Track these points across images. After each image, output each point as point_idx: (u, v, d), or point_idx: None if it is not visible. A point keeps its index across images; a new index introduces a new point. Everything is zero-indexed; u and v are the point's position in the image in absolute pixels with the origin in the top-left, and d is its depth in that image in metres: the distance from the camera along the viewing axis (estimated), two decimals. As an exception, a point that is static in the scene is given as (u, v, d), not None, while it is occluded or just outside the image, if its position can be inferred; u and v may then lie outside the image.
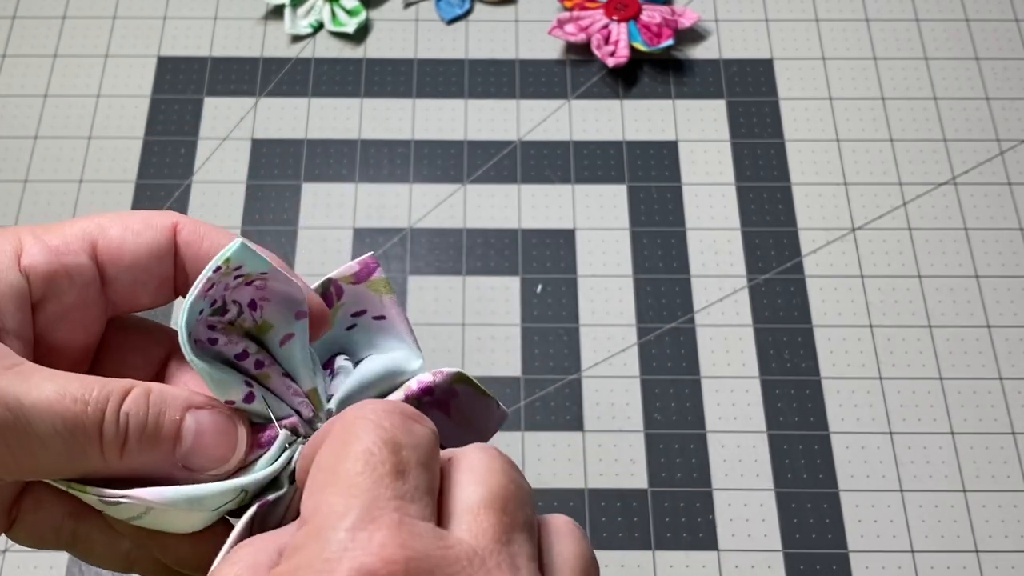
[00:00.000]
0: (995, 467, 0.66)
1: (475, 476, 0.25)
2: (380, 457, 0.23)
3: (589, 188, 0.76)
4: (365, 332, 0.31)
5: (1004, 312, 0.71)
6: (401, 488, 0.23)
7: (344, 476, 0.23)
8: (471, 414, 0.31)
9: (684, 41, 0.82)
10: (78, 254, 0.28)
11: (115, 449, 0.26)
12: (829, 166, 0.77)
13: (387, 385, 0.30)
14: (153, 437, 0.26)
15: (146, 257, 0.29)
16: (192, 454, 0.27)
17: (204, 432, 0.27)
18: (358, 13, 0.82)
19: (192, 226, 0.29)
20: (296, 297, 0.29)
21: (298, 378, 0.29)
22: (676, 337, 0.70)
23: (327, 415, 0.29)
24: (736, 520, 0.65)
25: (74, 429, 0.25)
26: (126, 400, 0.26)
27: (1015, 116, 0.79)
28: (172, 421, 0.27)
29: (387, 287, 0.31)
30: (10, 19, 0.83)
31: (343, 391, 0.29)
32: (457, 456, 0.26)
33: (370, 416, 0.24)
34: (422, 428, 0.25)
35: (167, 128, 0.78)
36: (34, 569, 0.63)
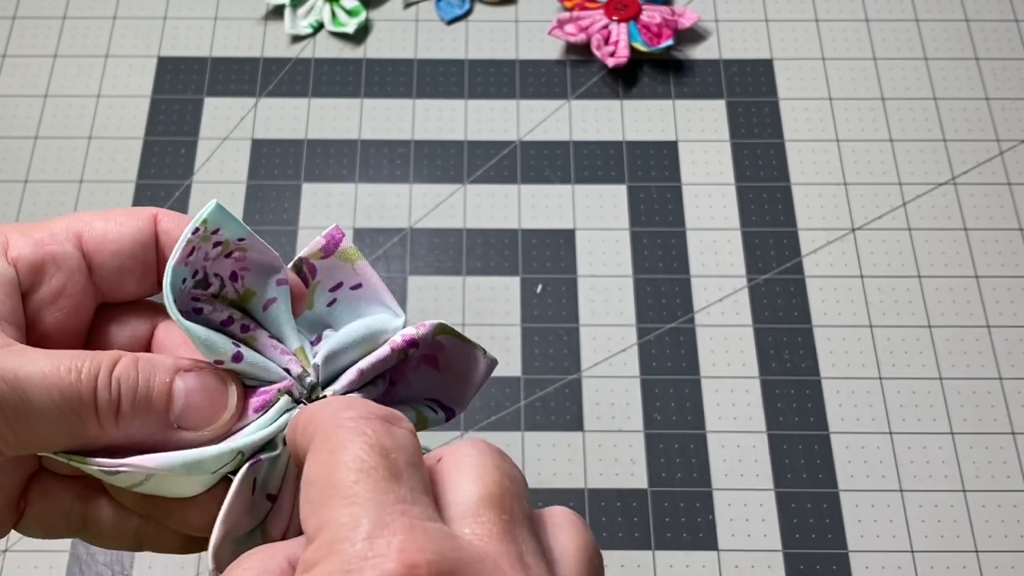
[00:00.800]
0: (995, 467, 0.66)
1: (469, 474, 0.25)
2: (372, 463, 0.23)
3: (589, 188, 0.76)
4: (346, 305, 0.32)
5: (1004, 312, 0.71)
6: (400, 491, 0.23)
7: (341, 487, 0.23)
8: (459, 365, 0.31)
9: (684, 41, 0.82)
10: (63, 243, 0.29)
11: (110, 416, 0.27)
12: (829, 166, 0.77)
13: (371, 344, 0.30)
14: (145, 401, 0.27)
15: (130, 245, 0.30)
16: (185, 414, 0.28)
17: (194, 392, 0.28)
18: (358, 13, 0.82)
19: (171, 217, 0.30)
20: (275, 265, 0.30)
21: (284, 339, 0.30)
22: (676, 337, 0.70)
23: (315, 369, 0.29)
24: (736, 520, 0.65)
25: (69, 398, 0.26)
26: (116, 367, 0.27)
27: (1015, 116, 0.79)
28: (162, 383, 0.27)
29: (356, 254, 0.31)
30: (10, 19, 0.83)
31: (327, 347, 0.30)
32: (448, 454, 0.26)
33: (349, 424, 0.25)
34: (401, 430, 0.25)
35: (167, 128, 0.78)
36: (34, 569, 0.63)
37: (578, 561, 0.25)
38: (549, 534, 0.26)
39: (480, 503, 0.24)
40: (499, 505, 0.24)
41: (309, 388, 0.30)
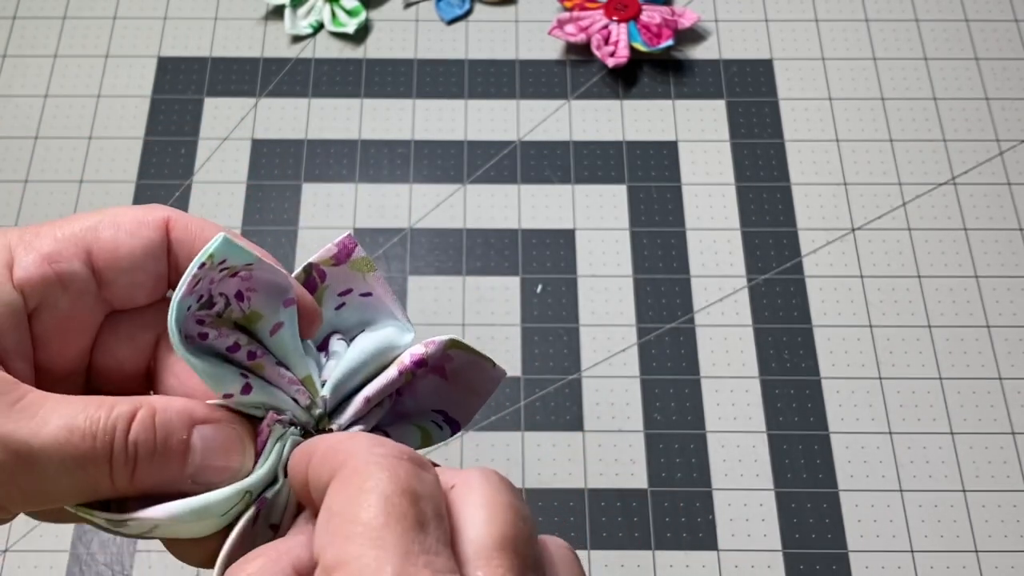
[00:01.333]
0: (995, 467, 0.66)
1: (483, 512, 0.24)
2: (402, 509, 0.23)
3: (589, 188, 0.76)
4: (354, 310, 0.31)
5: (1004, 312, 0.71)
6: (425, 542, 0.23)
7: (368, 527, 0.23)
8: (468, 375, 0.31)
9: (684, 41, 0.82)
10: (71, 261, 0.28)
11: (125, 475, 0.26)
12: (829, 166, 0.77)
13: (380, 362, 0.30)
14: (162, 459, 0.27)
15: (142, 258, 0.29)
16: (200, 472, 0.27)
17: (211, 448, 0.27)
18: (358, 13, 0.82)
19: (184, 222, 0.29)
20: (282, 285, 0.29)
21: (291, 366, 0.29)
22: (676, 337, 0.70)
23: (323, 402, 0.29)
24: (736, 520, 0.65)
25: (84, 464, 0.26)
26: (132, 426, 0.26)
27: (1015, 116, 0.79)
28: (179, 441, 0.27)
29: (369, 265, 0.31)
30: (10, 19, 0.83)
31: (336, 377, 0.29)
32: (461, 484, 0.26)
33: (382, 462, 0.24)
34: (430, 476, 0.25)
35: (167, 128, 0.78)
36: (34, 569, 0.63)
37: None
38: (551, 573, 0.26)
39: (495, 546, 0.24)
40: (513, 549, 0.24)
41: (317, 419, 0.29)
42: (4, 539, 0.64)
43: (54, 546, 0.64)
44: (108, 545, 0.64)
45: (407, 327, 0.31)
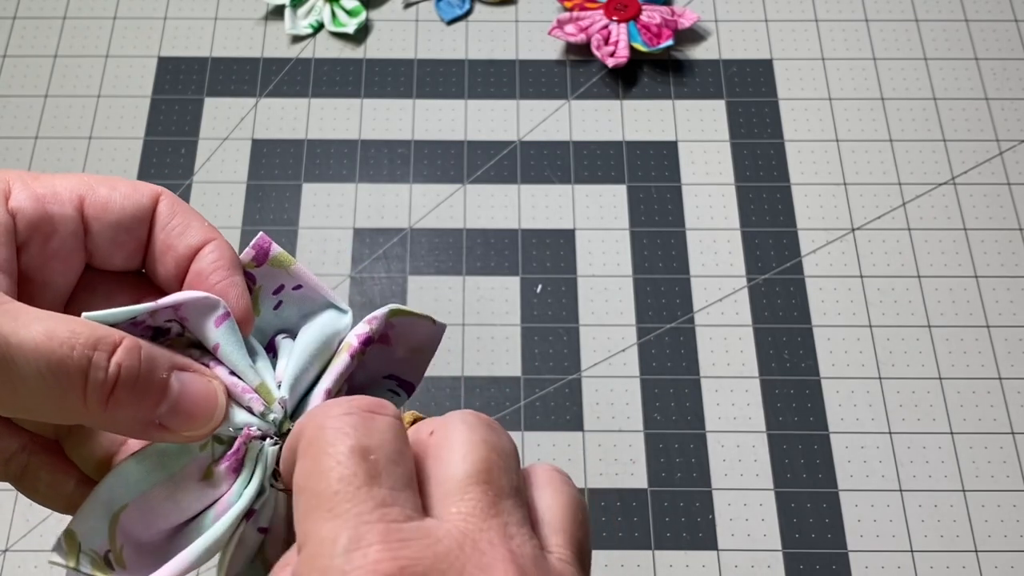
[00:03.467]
0: (995, 467, 0.66)
1: (458, 450, 0.25)
2: (351, 469, 0.24)
3: (589, 188, 0.76)
4: (292, 305, 0.32)
5: (1003, 312, 0.71)
6: (379, 494, 0.24)
7: (323, 498, 0.24)
8: (411, 337, 0.32)
9: (684, 41, 0.82)
10: (64, 205, 0.29)
11: (100, 397, 0.26)
12: (829, 166, 0.77)
13: (327, 351, 0.31)
14: (143, 390, 0.27)
15: (129, 219, 0.30)
16: (173, 414, 0.27)
17: (187, 393, 0.28)
18: (358, 13, 0.82)
19: (171, 200, 0.30)
20: (211, 305, 0.29)
21: (243, 377, 0.30)
22: (676, 337, 0.71)
23: (281, 403, 0.29)
24: (736, 520, 0.65)
25: (58, 372, 0.26)
26: (119, 351, 0.27)
27: (1014, 116, 0.79)
28: (160, 379, 0.27)
29: (288, 259, 0.31)
30: (10, 19, 0.83)
31: (290, 376, 0.30)
32: (439, 428, 0.26)
33: (331, 424, 0.25)
34: (384, 418, 0.25)
35: (167, 128, 0.78)
36: (34, 569, 0.63)
37: (562, 519, 0.26)
38: (534, 495, 0.26)
39: (467, 480, 0.25)
40: (485, 481, 0.25)
41: (277, 425, 0.29)
42: (4, 539, 0.64)
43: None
44: (108, 545, 0.64)
45: (342, 309, 0.32)
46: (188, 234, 0.30)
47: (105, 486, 0.28)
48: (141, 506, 0.28)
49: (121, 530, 0.27)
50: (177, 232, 0.30)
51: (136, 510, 0.28)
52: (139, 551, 0.27)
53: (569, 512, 0.26)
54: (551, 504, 0.26)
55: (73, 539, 0.26)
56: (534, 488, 0.27)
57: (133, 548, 0.27)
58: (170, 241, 0.30)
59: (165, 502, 0.28)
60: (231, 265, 0.30)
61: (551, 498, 0.26)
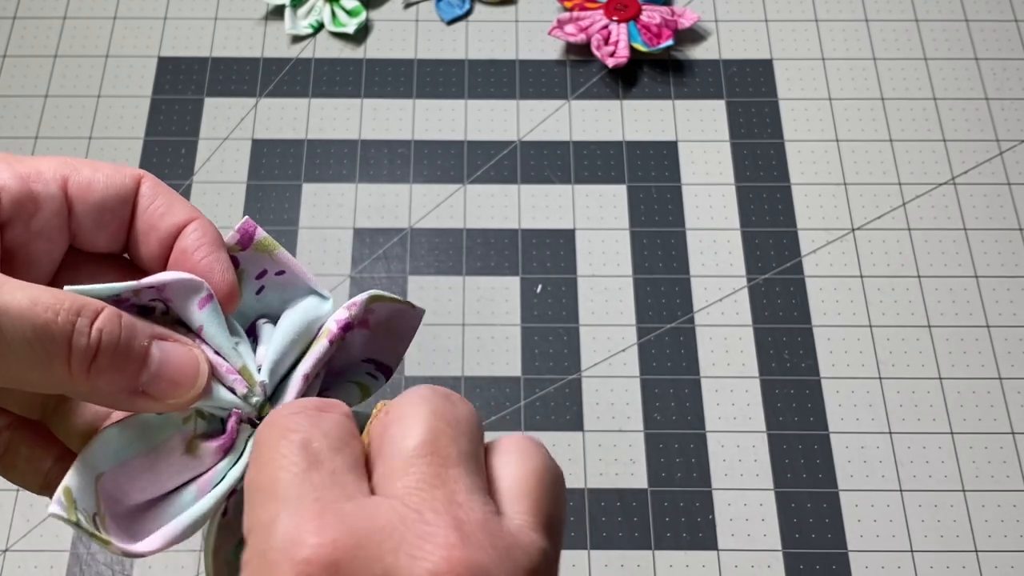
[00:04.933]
0: (995, 467, 0.66)
1: (405, 426, 0.25)
2: (292, 459, 0.24)
3: (589, 188, 0.76)
4: (274, 290, 0.32)
5: (1004, 312, 0.71)
6: (318, 478, 0.24)
7: (263, 488, 0.24)
8: (390, 323, 0.32)
9: (684, 41, 0.82)
10: (48, 184, 0.29)
11: (83, 363, 0.26)
12: (829, 166, 0.77)
13: (306, 337, 0.31)
14: (124, 357, 0.27)
15: (112, 199, 0.30)
16: (155, 381, 0.28)
17: (168, 361, 0.28)
18: (358, 13, 0.82)
19: (153, 182, 0.31)
20: (194, 287, 0.29)
21: (227, 358, 0.30)
22: (676, 337, 0.71)
23: (261, 387, 0.30)
24: (736, 520, 0.65)
25: (43, 337, 0.26)
26: (99, 317, 0.27)
27: (1015, 116, 0.79)
28: (141, 346, 0.27)
29: (272, 244, 0.31)
30: (10, 19, 0.83)
31: (270, 361, 0.30)
32: (393, 406, 0.26)
33: (277, 423, 0.25)
34: (331, 415, 0.26)
35: (167, 128, 0.78)
36: (34, 569, 0.63)
37: (522, 487, 0.26)
38: (496, 463, 0.26)
39: (411, 453, 0.25)
40: (430, 452, 0.25)
41: (258, 408, 0.30)
42: (4, 539, 0.64)
43: (54, 546, 0.64)
44: (108, 545, 0.64)
45: (323, 296, 0.32)
46: (171, 213, 0.30)
47: (91, 449, 0.28)
48: (118, 475, 0.28)
49: (102, 495, 0.28)
50: (160, 212, 0.30)
51: (112, 478, 0.28)
52: (115, 518, 0.28)
53: (535, 478, 0.26)
54: (513, 471, 0.26)
55: (70, 495, 0.27)
56: (496, 455, 0.26)
57: (110, 515, 0.28)
58: (153, 221, 0.30)
59: (144, 473, 0.28)
60: (214, 242, 0.31)
61: (515, 464, 0.26)
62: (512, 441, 0.27)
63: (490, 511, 0.24)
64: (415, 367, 0.69)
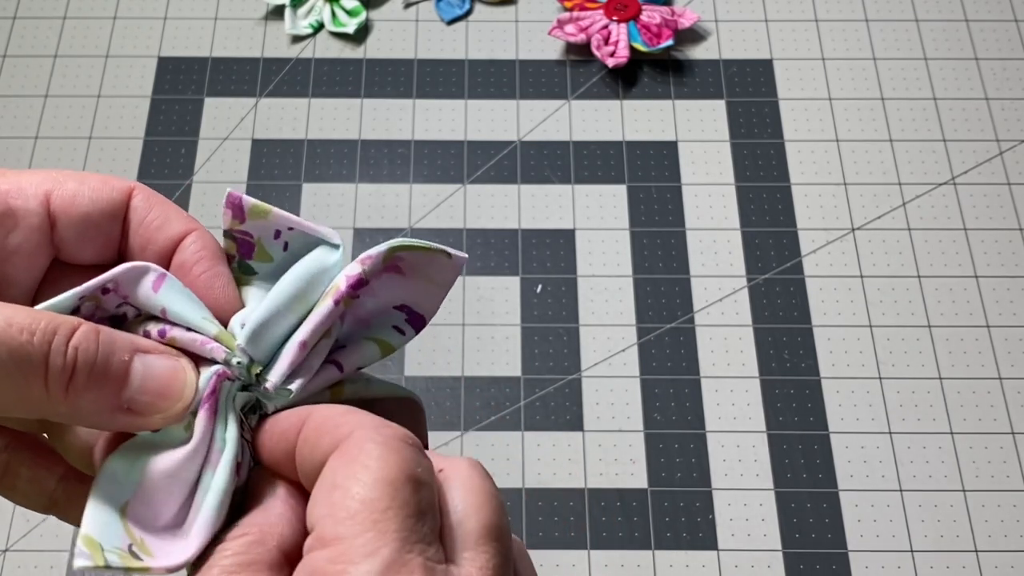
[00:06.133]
0: (995, 467, 0.66)
1: (472, 501, 0.25)
2: (405, 496, 0.24)
3: (589, 188, 0.76)
4: (297, 240, 0.30)
5: (1003, 312, 0.71)
6: (422, 531, 0.24)
7: (371, 508, 0.23)
8: (426, 269, 0.30)
9: (684, 41, 0.82)
10: (28, 200, 0.28)
11: (60, 384, 0.26)
12: (829, 166, 0.77)
13: (309, 294, 0.29)
14: (102, 374, 0.26)
15: (98, 214, 0.29)
16: (139, 397, 0.27)
17: (152, 375, 0.27)
18: (358, 13, 0.82)
19: (146, 197, 0.30)
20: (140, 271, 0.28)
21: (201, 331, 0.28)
22: (676, 337, 0.71)
23: (241, 351, 0.28)
24: (736, 520, 0.65)
25: (18, 359, 0.25)
26: (75, 335, 0.26)
27: (1014, 116, 0.79)
28: (121, 361, 0.26)
29: (263, 208, 0.30)
30: (10, 19, 0.83)
31: (254, 321, 0.28)
32: (449, 471, 0.26)
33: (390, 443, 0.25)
34: (429, 464, 0.25)
35: (167, 128, 0.78)
36: (34, 569, 0.63)
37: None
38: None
39: (483, 534, 0.25)
40: (498, 537, 0.25)
41: (245, 368, 0.28)
42: (4, 539, 0.64)
43: (54, 546, 0.64)
44: (108, 545, 0.64)
45: (335, 240, 0.30)
46: (167, 227, 0.29)
47: (99, 488, 0.27)
48: (142, 499, 0.27)
49: (134, 523, 0.27)
50: (155, 226, 0.29)
51: (139, 504, 0.27)
52: (160, 537, 0.27)
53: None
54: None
55: (93, 542, 0.26)
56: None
57: (153, 535, 0.27)
58: (149, 235, 0.29)
59: (162, 481, 0.27)
60: (214, 255, 0.30)
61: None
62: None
63: None
64: (415, 367, 0.69)
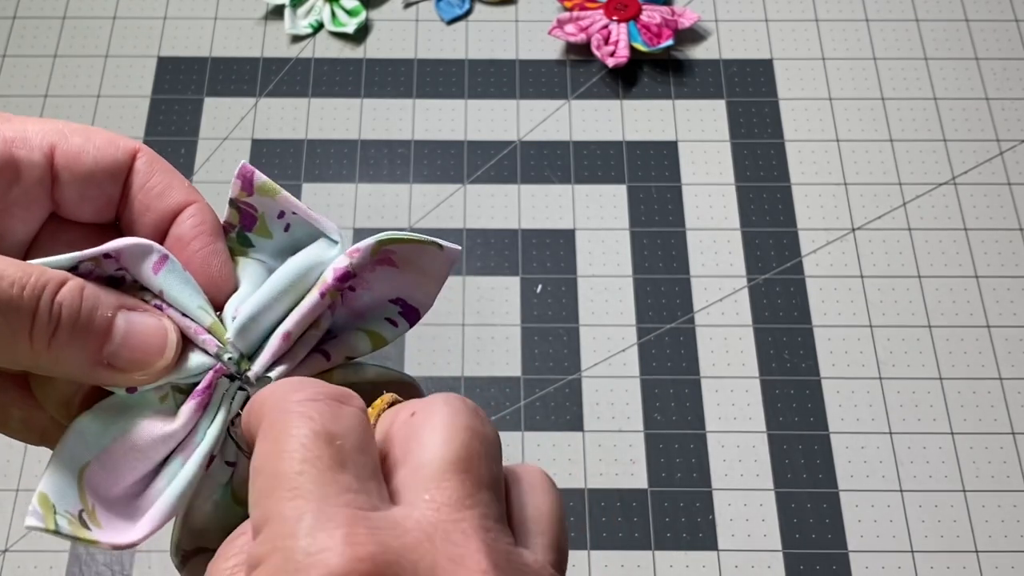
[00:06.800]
0: (995, 467, 0.66)
1: (439, 434, 0.24)
2: (316, 452, 0.23)
3: (589, 188, 0.76)
4: (300, 225, 0.30)
5: (1004, 312, 0.71)
6: (346, 480, 0.23)
7: (285, 478, 0.23)
8: (418, 262, 0.29)
9: (684, 41, 0.82)
10: (33, 150, 0.28)
11: (44, 337, 0.26)
12: (829, 166, 0.77)
13: (302, 286, 0.28)
14: (84, 329, 0.26)
15: (101, 173, 0.29)
16: (119, 353, 0.27)
17: (134, 332, 0.27)
18: (358, 13, 0.82)
19: (150, 161, 0.29)
20: (144, 250, 0.28)
21: (196, 320, 0.28)
22: (676, 337, 0.70)
23: (231, 346, 0.28)
24: (736, 520, 0.65)
25: (6, 311, 0.25)
26: (61, 290, 0.26)
27: (1015, 116, 0.79)
28: (104, 317, 0.27)
29: (273, 188, 0.29)
30: (10, 19, 0.83)
31: (245, 314, 0.28)
32: (421, 409, 0.25)
33: (296, 408, 0.24)
34: (351, 409, 0.24)
35: (167, 128, 0.78)
36: (34, 569, 0.63)
37: (550, 523, 0.25)
38: (523, 493, 0.26)
39: (445, 467, 0.24)
40: (464, 469, 0.24)
41: (236, 363, 0.28)
42: (4, 539, 0.64)
43: (54, 546, 0.64)
44: (108, 545, 0.64)
45: (335, 236, 0.29)
46: (168, 195, 0.29)
47: (65, 445, 0.27)
48: (104, 462, 0.27)
49: (89, 489, 0.26)
50: (156, 192, 0.29)
51: (99, 467, 0.27)
52: (110, 508, 0.27)
53: (557, 517, 0.25)
54: (541, 507, 0.25)
55: (47, 501, 0.26)
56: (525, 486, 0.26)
57: (104, 506, 0.26)
58: (148, 202, 0.29)
59: (129, 453, 0.27)
60: (213, 231, 0.29)
61: (542, 501, 0.25)
62: (536, 475, 0.26)
63: (511, 542, 0.24)
64: (415, 367, 0.69)
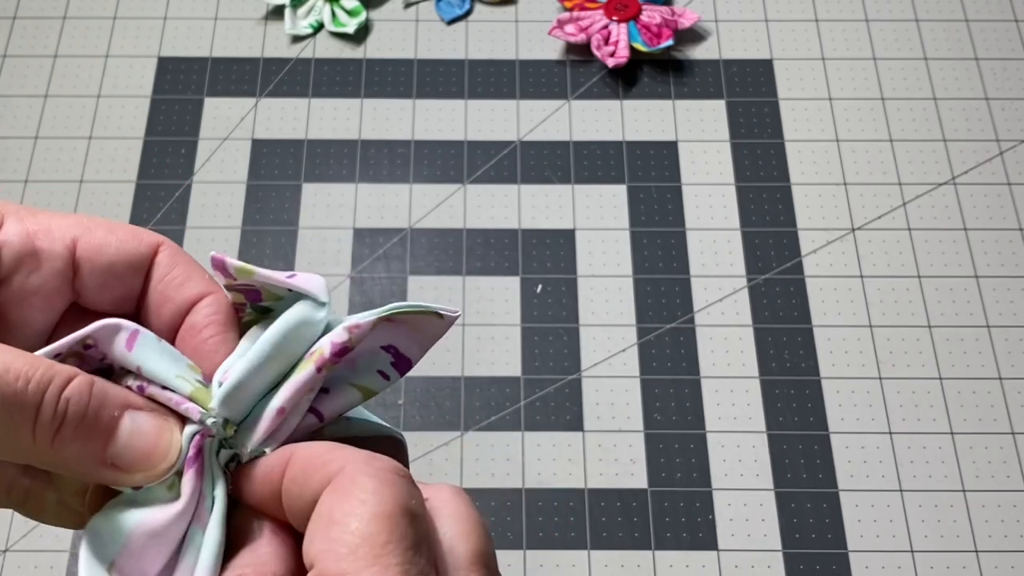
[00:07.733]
0: (995, 467, 0.66)
1: (459, 528, 0.26)
2: (403, 529, 0.24)
3: (589, 188, 0.76)
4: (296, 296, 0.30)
5: (1004, 312, 0.71)
6: (421, 563, 0.24)
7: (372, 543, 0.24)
8: (416, 323, 0.30)
9: (684, 41, 0.82)
10: (55, 242, 0.29)
11: (48, 433, 0.26)
12: (829, 166, 0.77)
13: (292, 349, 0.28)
14: (90, 428, 0.26)
15: (123, 266, 0.29)
16: (122, 454, 0.27)
17: (139, 433, 0.27)
18: (358, 13, 0.82)
19: (172, 255, 0.29)
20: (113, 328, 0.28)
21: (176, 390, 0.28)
22: (676, 337, 0.71)
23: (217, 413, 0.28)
24: (736, 520, 0.65)
25: (10, 405, 0.25)
26: (69, 386, 0.26)
27: (1015, 116, 0.79)
28: (110, 417, 0.27)
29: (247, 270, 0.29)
30: (10, 19, 0.83)
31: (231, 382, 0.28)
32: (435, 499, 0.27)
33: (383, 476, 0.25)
34: (420, 495, 0.26)
35: (167, 128, 0.78)
36: (34, 569, 0.63)
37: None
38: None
39: (474, 560, 0.26)
40: (485, 563, 0.26)
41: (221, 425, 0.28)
42: (4, 539, 0.64)
43: (54, 546, 0.64)
44: (108, 545, 0.64)
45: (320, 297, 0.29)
46: (187, 287, 0.29)
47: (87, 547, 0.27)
48: (127, 558, 0.27)
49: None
50: (176, 284, 0.29)
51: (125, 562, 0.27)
52: None
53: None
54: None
55: None
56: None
57: None
58: (168, 293, 0.29)
59: (150, 541, 0.27)
60: (226, 320, 0.29)
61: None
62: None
63: None
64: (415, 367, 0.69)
